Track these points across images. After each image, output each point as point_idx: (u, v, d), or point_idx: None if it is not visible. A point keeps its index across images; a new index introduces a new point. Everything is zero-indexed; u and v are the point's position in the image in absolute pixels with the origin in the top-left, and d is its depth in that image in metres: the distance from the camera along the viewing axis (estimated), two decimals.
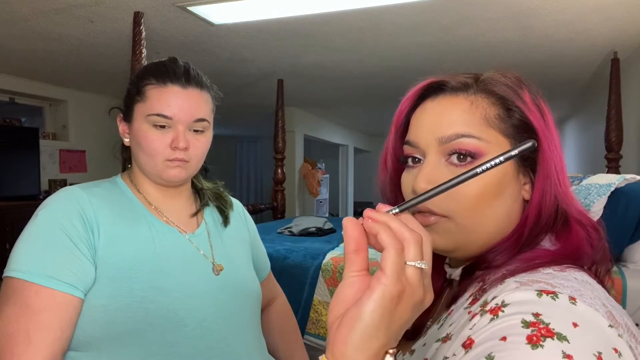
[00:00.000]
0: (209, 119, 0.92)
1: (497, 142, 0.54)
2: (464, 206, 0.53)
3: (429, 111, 0.58)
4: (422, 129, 0.57)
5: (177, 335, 0.82)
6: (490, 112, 0.55)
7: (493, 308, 0.46)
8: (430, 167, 0.55)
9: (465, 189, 0.52)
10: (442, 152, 0.55)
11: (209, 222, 1.00)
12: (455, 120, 0.55)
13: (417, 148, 0.57)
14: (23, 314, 0.73)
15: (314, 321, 2.23)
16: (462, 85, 0.57)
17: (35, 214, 0.81)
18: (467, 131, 0.54)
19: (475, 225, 0.54)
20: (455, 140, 0.54)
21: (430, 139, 0.56)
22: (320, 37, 3.00)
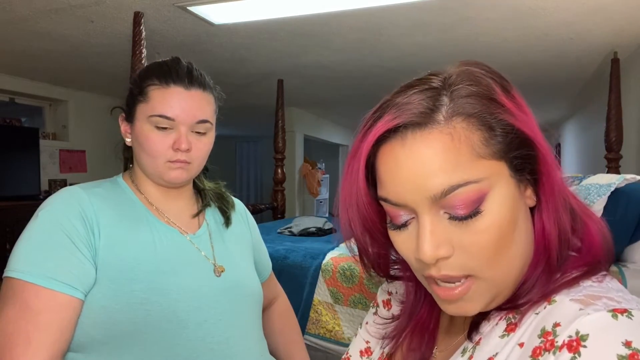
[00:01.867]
0: (212, 120, 0.91)
1: (495, 171, 0.45)
2: (484, 259, 0.45)
3: (403, 161, 0.45)
4: (401, 185, 0.45)
5: (178, 336, 0.82)
6: (474, 139, 0.44)
7: (568, 342, 0.40)
8: (432, 228, 0.45)
9: (479, 239, 0.44)
10: (437, 207, 0.45)
11: (211, 223, 1.00)
12: (443, 168, 0.43)
13: (403, 207, 0.47)
14: (23, 315, 0.73)
15: (314, 321, 2.23)
16: (424, 116, 0.45)
17: (36, 214, 0.81)
18: (461, 178, 0.43)
19: (504, 273, 0.47)
20: (451, 194, 0.43)
21: (418, 197, 0.45)
22: (320, 37, 3.00)
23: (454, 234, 0.45)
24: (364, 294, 2.25)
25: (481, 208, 0.44)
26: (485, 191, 0.44)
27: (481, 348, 0.48)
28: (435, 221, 0.45)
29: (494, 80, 0.47)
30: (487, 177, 0.44)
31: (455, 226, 0.45)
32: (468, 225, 0.44)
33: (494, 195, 0.44)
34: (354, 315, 2.23)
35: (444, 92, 0.46)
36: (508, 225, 0.45)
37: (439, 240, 0.45)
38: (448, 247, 0.45)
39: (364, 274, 0.60)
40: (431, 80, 0.47)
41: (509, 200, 0.45)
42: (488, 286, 0.46)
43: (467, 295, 0.46)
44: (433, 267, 0.46)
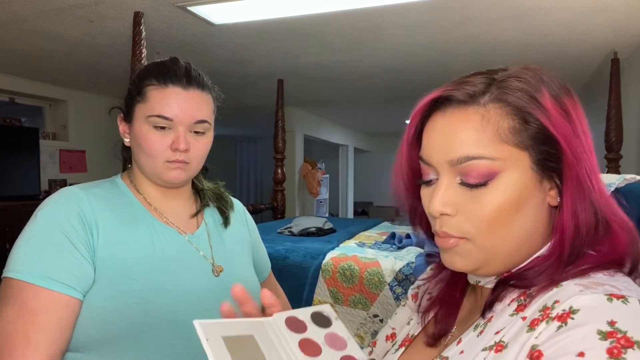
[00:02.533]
0: (210, 121, 0.91)
1: (513, 157, 0.50)
2: (481, 228, 0.51)
3: (438, 128, 0.54)
4: (432, 147, 0.54)
5: (177, 336, 0.82)
6: (503, 125, 0.50)
7: (560, 314, 0.44)
8: (444, 189, 0.53)
9: (481, 209, 0.50)
10: (455, 172, 0.52)
11: (209, 223, 1.00)
12: (465, 140, 0.51)
13: (431, 166, 0.55)
14: (21, 315, 0.73)
15: None
16: (470, 96, 0.52)
17: (35, 214, 0.81)
18: (477, 152, 0.50)
19: (495, 245, 0.52)
20: (466, 162, 0.51)
21: (441, 159, 0.53)
22: (320, 37, 3.00)
23: (461, 199, 0.52)
24: (363, 294, 2.25)
25: (489, 183, 0.50)
26: (498, 170, 0.50)
27: (492, 324, 0.53)
28: (450, 184, 0.53)
29: (545, 84, 0.52)
30: (502, 159, 0.50)
31: (464, 192, 0.52)
32: (474, 194, 0.51)
33: (505, 176, 0.50)
34: (354, 315, 2.23)
35: (497, 82, 0.53)
36: (510, 206, 0.50)
37: (447, 199, 0.52)
38: (453, 207, 0.52)
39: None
40: (497, 72, 0.54)
41: (519, 186, 0.50)
42: (477, 250, 0.52)
43: (458, 250, 0.53)
44: (437, 222, 0.54)
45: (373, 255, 2.42)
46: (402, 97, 4.98)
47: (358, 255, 2.42)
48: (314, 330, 0.54)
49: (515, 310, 0.51)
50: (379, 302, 2.23)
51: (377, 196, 9.88)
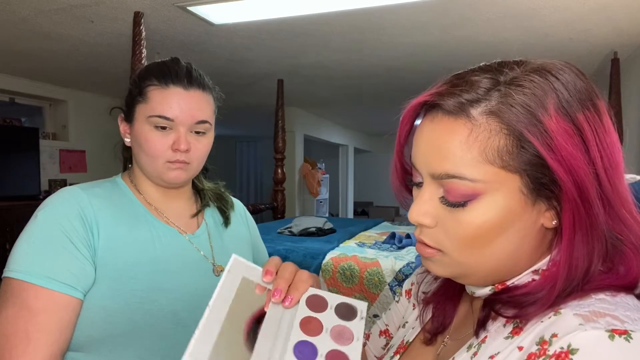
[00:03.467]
0: (211, 121, 0.91)
1: (499, 180, 0.45)
2: (457, 245, 0.48)
3: (424, 135, 0.50)
4: (417, 155, 0.50)
5: (178, 336, 0.82)
6: (492, 144, 0.45)
7: (558, 353, 0.41)
8: (425, 199, 0.50)
9: (458, 228, 0.47)
10: (438, 184, 0.49)
11: (210, 223, 1.00)
12: (447, 156, 0.46)
13: (417, 172, 0.52)
14: (22, 315, 0.73)
15: None
16: (460, 106, 0.46)
17: (35, 214, 0.81)
18: (458, 172, 0.46)
19: (472, 263, 0.49)
20: (446, 179, 0.47)
21: (425, 169, 0.49)
22: (320, 37, 3.00)
23: (442, 213, 0.49)
24: (364, 293, 2.25)
25: (468, 204, 0.47)
26: (479, 192, 0.46)
27: (486, 346, 0.50)
28: (433, 193, 0.49)
29: (557, 95, 0.45)
30: (485, 181, 0.45)
31: (443, 207, 0.48)
32: (453, 212, 0.48)
33: (488, 199, 0.46)
34: None
35: (500, 87, 0.46)
36: (489, 229, 0.47)
37: (427, 210, 0.49)
38: (432, 219, 0.49)
39: None
40: (508, 71, 0.47)
41: (502, 209, 0.46)
42: (453, 264, 0.50)
43: (434, 259, 0.51)
44: (417, 229, 0.52)
45: (373, 255, 2.42)
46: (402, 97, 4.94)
47: (358, 255, 2.42)
48: (329, 315, 0.54)
49: (510, 332, 0.48)
50: (379, 302, 2.23)
51: (377, 196, 9.88)
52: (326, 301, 0.56)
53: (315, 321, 0.54)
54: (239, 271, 0.57)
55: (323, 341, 0.52)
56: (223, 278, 0.54)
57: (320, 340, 0.52)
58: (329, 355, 0.51)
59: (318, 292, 0.58)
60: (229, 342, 0.49)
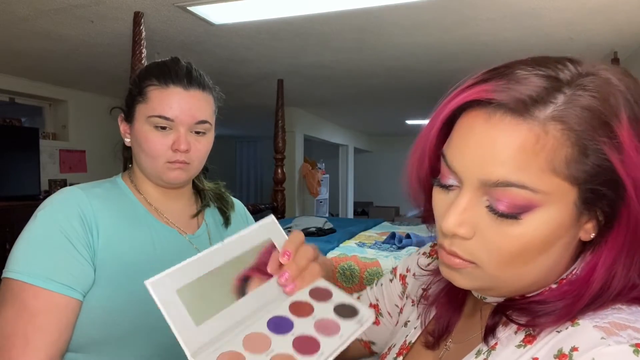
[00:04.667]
0: (211, 121, 0.91)
1: (559, 192, 0.41)
2: (496, 260, 0.44)
3: (476, 135, 0.43)
4: (464, 156, 0.44)
5: None
6: (560, 153, 0.40)
7: None
8: (462, 206, 0.44)
9: (503, 241, 0.43)
10: (483, 192, 0.43)
11: (210, 223, 1.00)
12: (507, 161, 0.41)
13: (455, 174, 0.45)
14: (21, 316, 0.73)
15: None
16: (526, 106, 0.41)
17: (35, 214, 0.81)
18: (520, 180, 0.40)
19: (507, 278, 0.45)
20: (502, 187, 0.41)
21: (472, 174, 0.43)
22: (320, 37, 3.00)
23: (483, 223, 0.43)
24: None
25: (522, 216, 0.42)
26: (537, 204, 0.41)
27: (497, 354, 0.47)
28: (474, 202, 0.44)
29: (630, 104, 0.41)
30: (546, 193, 0.41)
31: (488, 217, 0.43)
32: (500, 223, 0.42)
33: (542, 213, 0.42)
34: None
35: (565, 89, 0.41)
36: (537, 246, 0.43)
37: (466, 219, 0.44)
38: (470, 230, 0.44)
39: None
40: (563, 69, 0.42)
41: (553, 225, 0.42)
42: (485, 278, 0.46)
43: (462, 271, 0.46)
44: (448, 239, 0.46)
45: (373, 255, 2.42)
46: (402, 97, 4.98)
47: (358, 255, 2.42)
48: (325, 307, 0.53)
49: (522, 341, 0.45)
50: None
51: (377, 196, 9.87)
52: (331, 295, 0.55)
53: (307, 306, 0.52)
54: (269, 231, 0.55)
55: (304, 324, 0.50)
56: (251, 228, 0.53)
57: (302, 322, 0.50)
58: (301, 337, 0.48)
59: (328, 286, 0.56)
60: (217, 284, 0.48)
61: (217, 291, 0.49)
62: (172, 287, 0.47)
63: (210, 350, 0.46)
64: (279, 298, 0.53)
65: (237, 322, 0.49)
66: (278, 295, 0.53)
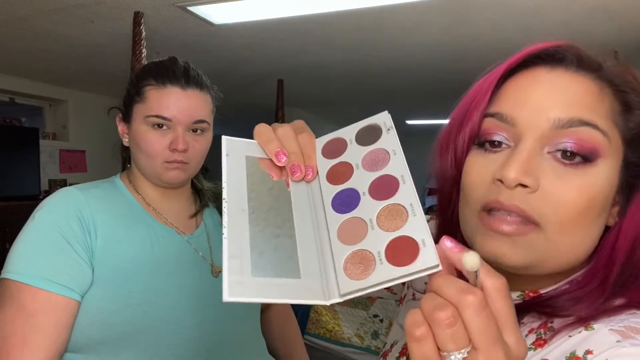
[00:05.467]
0: (209, 120, 0.91)
1: (616, 145, 0.42)
2: (562, 218, 0.40)
3: (542, 82, 0.43)
4: (525, 103, 0.42)
5: (176, 337, 0.82)
6: (615, 107, 0.42)
7: None
8: (529, 153, 0.41)
9: (570, 193, 0.40)
10: (545, 141, 0.41)
11: (209, 224, 0.99)
12: (579, 102, 0.41)
13: (511, 126, 0.43)
14: (19, 316, 0.73)
15: (313, 321, 2.23)
16: (590, 63, 0.44)
17: (33, 215, 0.81)
18: (592, 119, 0.40)
19: (565, 246, 0.42)
20: (575, 127, 0.40)
21: (537, 118, 0.41)
22: (320, 37, 3.00)
23: (548, 175, 0.41)
24: None
25: (590, 163, 0.40)
26: (603, 150, 0.41)
27: None
28: (536, 153, 0.41)
29: None
30: (611, 140, 0.41)
31: (554, 168, 0.41)
32: (569, 172, 0.41)
33: (605, 165, 0.41)
34: (354, 315, 2.23)
35: (601, 63, 0.46)
36: (600, 203, 0.41)
37: (531, 169, 0.40)
38: (536, 180, 0.40)
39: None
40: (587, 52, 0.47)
41: (611, 182, 0.42)
42: (543, 245, 0.41)
43: (517, 241, 0.41)
44: (506, 193, 0.41)
45: None
46: (402, 97, 4.98)
47: None
48: (352, 151, 0.47)
49: (533, 344, 0.44)
50: (378, 302, 2.23)
51: None
52: (343, 140, 0.49)
53: (340, 166, 0.46)
54: (238, 151, 0.48)
55: (360, 179, 0.44)
56: (224, 164, 0.46)
57: (356, 179, 0.44)
58: (372, 187, 0.42)
59: (331, 137, 0.50)
60: (263, 229, 0.42)
61: (270, 234, 0.42)
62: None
63: None
64: (315, 187, 0.46)
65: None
66: (311, 187, 0.46)
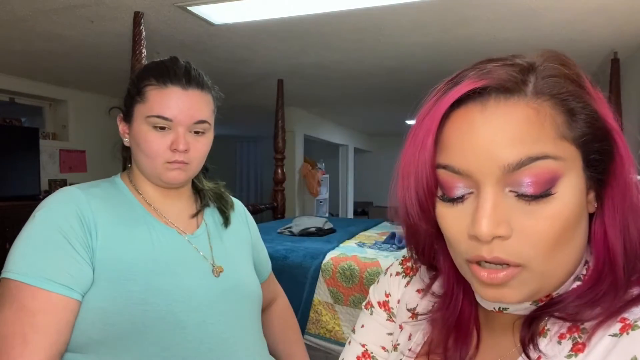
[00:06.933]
0: (210, 121, 0.91)
1: (571, 157, 0.41)
2: (541, 250, 0.41)
3: (479, 126, 0.42)
4: (472, 153, 0.41)
5: (176, 337, 0.82)
6: (558, 120, 0.41)
7: None
8: (494, 202, 0.41)
9: (543, 226, 0.40)
10: (504, 182, 0.41)
11: (209, 223, 0.99)
12: (522, 138, 0.40)
13: (466, 177, 0.42)
14: (19, 316, 0.73)
15: (313, 321, 2.23)
16: (516, 83, 0.42)
17: (33, 215, 0.80)
18: (541, 151, 0.40)
19: (553, 269, 0.43)
20: (527, 166, 0.40)
21: (488, 167, 0.41)
22: (320, 37, 3.00)
23: (517, 216, 0.41)
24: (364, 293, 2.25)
25: (553, 190, 0.40)
26: (560, 174, 0.41)
27: None
28: (499, 197, 0.41)
29: (579, 69, 0.44)
30: (565, 159, 0.41)
31: (520, 207, 0.41)
32: (535, 207, 0.41)
33: (567, 182, 0.41)
34: (354, 315, 2.23)
35: (530, 70, 0.43)
36: (574, 218, 0.41)
37: (500, 217, 0.41)
38: (508, 227, 0.41)
39: (411, 260, 0.58)
40: (515, 58, 0.44)
41: (578, 192, 0.42)
42: (534, 278, 0.42)
43: (510, 282, 0.42)
44: (485, 247, 0.41)
45: (373, 255, 2.42)
46: (402, 97, 4.98)
47: (358, 255, 2.42)
48: None
49: (572, 350, 0.42)
50: None
51: (377, 196, 9.87)
52: None
53: None
54: None
55: None
56: None
57: None
58: None
59: None
60: None
61: None
62: None
63: None
64: None
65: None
66: None
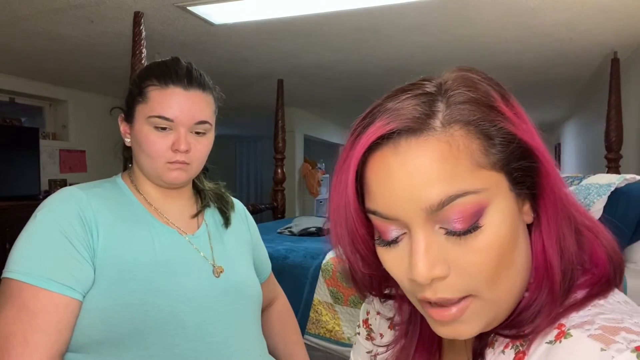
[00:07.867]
0: (211, 121, 0.91)
1: (494, 183, 0.41)
2: (485, 278, 0.41)
3: (396, 171, 0.41)
4: (395, 198, 0.41)
5: (177, 337, 0.82)
6: (472, 148, 0.41)
7: None
8: (426, 245, 0.41)
9: (479, 257, 0.41)
10: (432, 221, 0.41)
11: (210, 224, 0.99)
12: (439, 177, 0.40)
13: (395, 221, 0.43)
14: (20, 316, 0.73)
15: (313, 321, 2.23)
16: (423, 120, 0.41)
17: (34, 214, 0.81)
18: (460, 189, 0.40)
19: (503, 295, 0.43)
20: (449, 204, 0.40)
21: (413, 209, 0.41)
22: (320, 37, 3.00)
23: (451, 252, 0.41)
24: None
25: (480, 223, 0.40)
26: (485, 204, 0.41)
27: None
28: (430, 237, 0.41)
29: (492, 87, 0.44)
30: (486, 189, 0.41)
31: (452, 243, 0.41)
32: (466, 241, 0.41)
33: (494, 210, 0.41)
34: (354, 315, 2.23)
35: (439, 97, 0.42)
36: (509, 243, 0.42)
37: (435, 258, 0.41)
38: (444, 266, 0.41)
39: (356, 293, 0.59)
40: (424, 85, 0.44)
41: (509, 215, 0.42)
42: (487, 307, 0.43)
43: (463, 317, 0.42)
44: (428, 289, 0.42)
45: None
46: None
47: None
48: None
49: (514, 359, 0.43)
50: None
51: None
52: None
53: None
54: None
55: None
56: None
57: None
58: None
59: None
60: None
61: None
62: None
63: None
64: None
65: None
66: None
